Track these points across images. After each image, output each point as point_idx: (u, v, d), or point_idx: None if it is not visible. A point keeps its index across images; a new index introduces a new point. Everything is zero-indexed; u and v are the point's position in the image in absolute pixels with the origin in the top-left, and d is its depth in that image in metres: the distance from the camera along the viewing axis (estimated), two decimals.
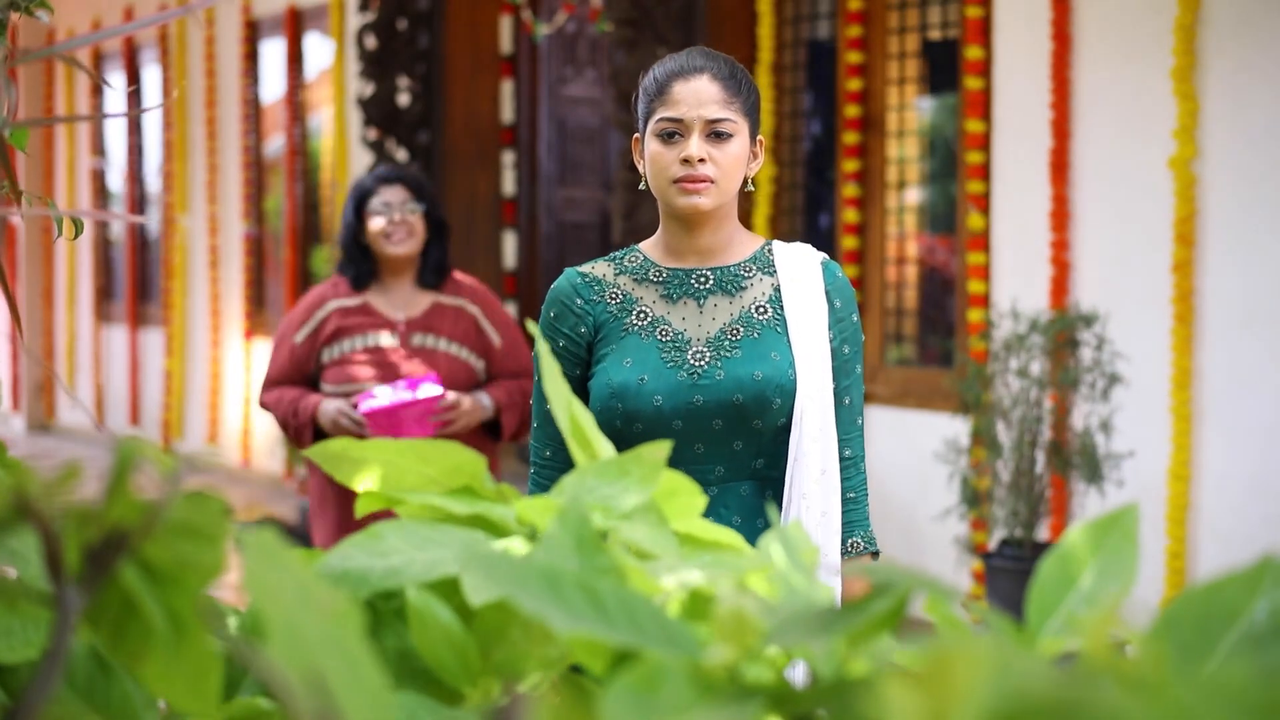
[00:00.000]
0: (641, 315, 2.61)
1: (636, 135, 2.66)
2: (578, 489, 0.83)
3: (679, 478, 0.85)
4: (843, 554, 2.60)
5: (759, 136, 2.64)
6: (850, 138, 7.22)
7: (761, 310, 2.60)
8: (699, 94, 2.57)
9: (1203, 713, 0.51)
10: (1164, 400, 5.98)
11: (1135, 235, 6.11)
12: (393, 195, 4.35)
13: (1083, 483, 5.82)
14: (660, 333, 2.59)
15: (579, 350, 2.63)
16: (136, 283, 12.32)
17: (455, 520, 0.82)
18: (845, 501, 2.60)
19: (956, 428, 6.37)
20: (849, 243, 7.21)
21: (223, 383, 11.00)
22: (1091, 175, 6.26)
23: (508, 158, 9.37)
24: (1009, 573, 5.73)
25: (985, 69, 6.63)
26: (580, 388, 2.62)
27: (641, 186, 2.66)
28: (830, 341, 2.60)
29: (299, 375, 4.34)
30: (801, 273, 2.62)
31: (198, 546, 0.65)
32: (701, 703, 0.60)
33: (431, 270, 4.38)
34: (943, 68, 7.11)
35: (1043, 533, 6.03)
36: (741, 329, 2.58)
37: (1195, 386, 5.93)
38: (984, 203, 6.64)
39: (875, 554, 2.65)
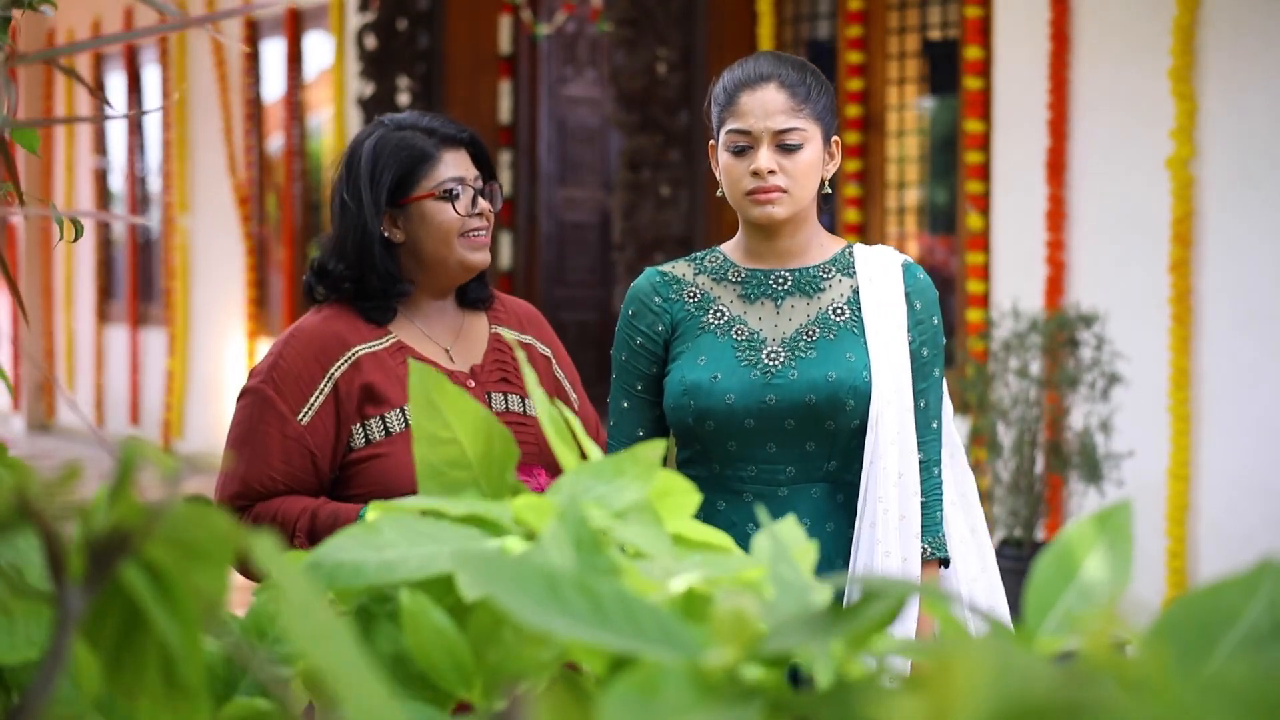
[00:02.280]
0: (718, 314, 2.60)
1: (712, 142, 2.64)
2: (574, 488, 0.83)
3: (673, 477, 0.85)
4: None
5: (835, 137, 2.61)
6: (850, 138, 7.22)
7: (839, 312, 2.58)
8: (765, 104, 2.54)
9: (1202, 712, 0.51)
10: (1162, 400, 5.98)
11: (1134, 235, 6.11)
12: (463, 167, 2.64)
13: (1082, 483, 5.83)
14: (736, 332, 2.58)
15: (656, 348, 2.62)
16: (137, 282, 12.32)
17: (451, 520, 0.82)
18: (935, 520, 2.57)
19: (957, 427, 6.36)
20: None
21: (223, 383, 11.01)
22: (1090, 175, 6.26)
23: (504, 158, 9.37)
24: (1009, 572, 5.71)
25: (985, 69, 6.63)
26: (657, 385, 2.62)
27: (719, 194, 2.65)
28: (909, 344, 2.58)
29: (310, 480, 2.53)
30: (881, 274, 2.60)
31: (199, 568, 0.65)
32: (702, 705, 0.60)
33: (479, 279, 2.73)
34: (943, 68, 7.11)
35: (1042, 532, 6.03)
36: (818, 330, 2.56)
37: (1193, 386, 5.93)
38: (983, 203, 6.64)
39: (945, 561, 2.60)
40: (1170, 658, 0.62)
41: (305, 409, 2.52)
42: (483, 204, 2.62)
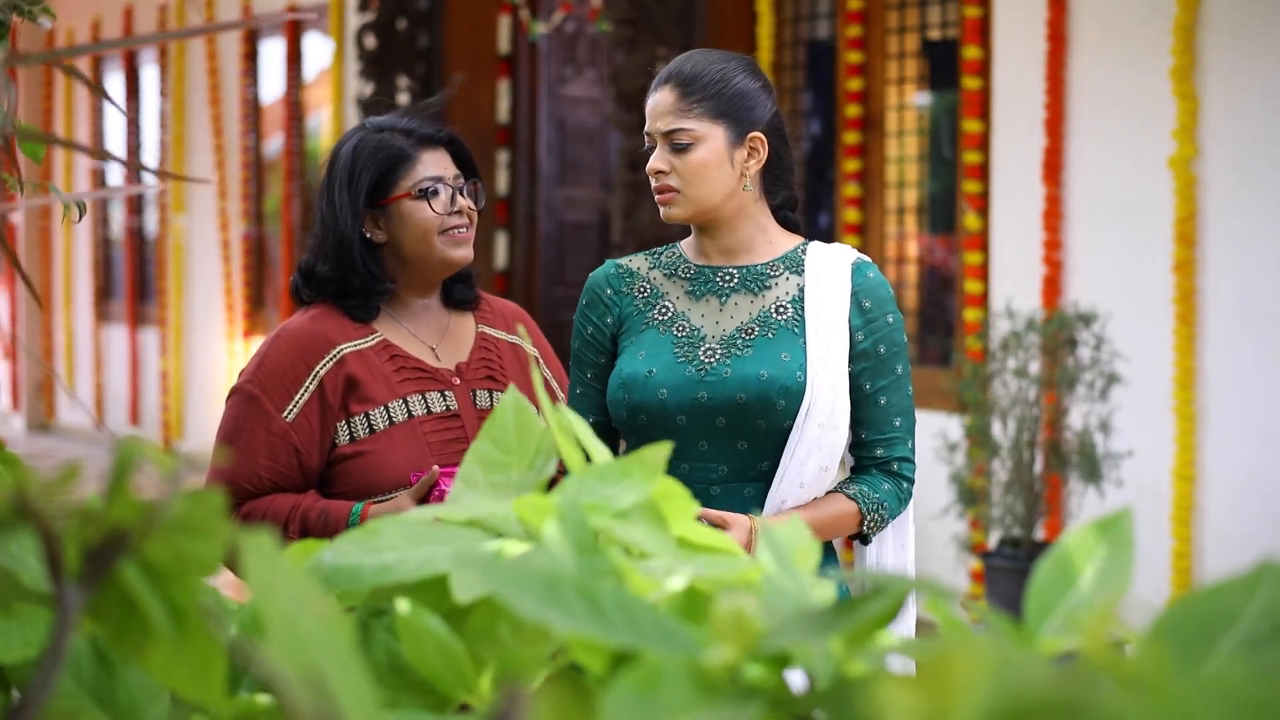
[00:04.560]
0: (664, 310, 2.60)
1: None
2: (578, 490, 0.83)
3: (673, 481, 0.85)
4: (844, 493, 2.51)
5: (753, 133, 2.56)
6: (850, 137, 7.22)
7: (781, 310, 2.55)
8: (657, 106, 2.56)
9: (1201, 712, 0.51)
10: (1164, 400, 5.99)
11: (1133, 235, 6.11)
12: (442, 166, 2.69)
13: (1081, 482, 5.83)
14: (677, 328, 2.57)
15: (604, 340, 2.63)
16: (135, 282, 12.32)
17: (452, 523, 0.82)
18: (883, 493, 2.53)
19: (956, 427, 6.37)
20: (849, 242, 7.21)
21: (222, 382, 11.01)
22: (1089, 175, 6.26)
23: (503, 158, 9.37)
24: (1008, 572, 5.73)
25: (983, 69, 6.63)
26: (607, 375, 2.63)
27: None
28: (860, 343, 2.53)
29: (296, 476, 2.58)
30: (829, 273, 2.56)
31: (196, 542, 0.65)
32: (702, 703, 0.60)
33: (464, 280, 2.79)
34: (942, 67, 7.11)
35: (1041, 532, 6.03)
36: (757, 328, 2.54)
37: (1197, 386, 5.93)
38: (980, 202, 6.64)
39: (866, 512, 2.50)
40: (1169, 658, 0.62)
41: (290, 407, 2.56)
42: (461, 202, 2.67)
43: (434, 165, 2.66)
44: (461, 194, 2.68)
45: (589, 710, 0.60)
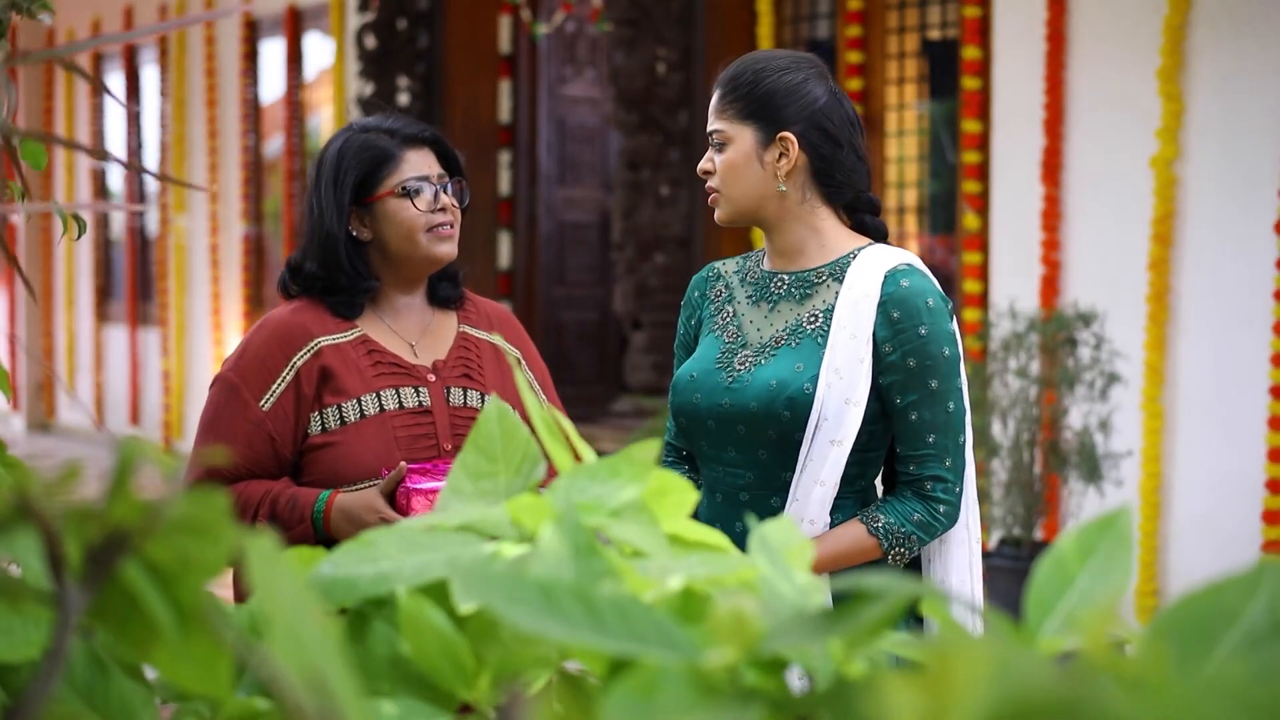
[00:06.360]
0: (726, 315, 2.59)
1: None
2: (569, 490, 0.83)
3: (670, 476, 0.85)
4: (863, 522, 2.43)
5: (781, 134, 2.48)
6: None
7: (813, 319, 2.49)
8: (709, 108, 2.57)
9: (1201, 712, 0.51)
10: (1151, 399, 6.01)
11: (1129, 235, 6.11)
12: (425, 165, 2.73)
13: (1081, 482, 5.83)
14: (729, 333, 2.56)
15: (689, 340, 2.65)
16: (136, 282, 12.32)
17: (445, 529, 0.82)
18: (911, 525, 2.43)
19: None
20: None
21: None
22: (1087, 175, 6.26)
23: (504, 157, 9.37)
24: (1008, 572, 5.74)
25: (983, 69, 6.63)
26: None
27: None
28: (889, 355, 2.42)
29: (270, 463, 2.64)
30: (863, 280, 2.46)
31: (200, 543, 0.65)
32: (701, 706, 0.60)
33: (450, 278, 2.83)
34: (942, 68, 7.11)
35: (1041, 532, 6.04)
36: (786, 336, 2.49)
37: (1173, 385, 5.94)
38: (980, 202, 6.65)
39: (888, 548, 2.42)
40: (1169, 657, 0.62)
41: (267, 396, 2.64)
42: (445, 199, 2.72)
43: (418, 164, 2.72)
44: (445, 192, 2.73)
45: (588, 711, 0.60)
